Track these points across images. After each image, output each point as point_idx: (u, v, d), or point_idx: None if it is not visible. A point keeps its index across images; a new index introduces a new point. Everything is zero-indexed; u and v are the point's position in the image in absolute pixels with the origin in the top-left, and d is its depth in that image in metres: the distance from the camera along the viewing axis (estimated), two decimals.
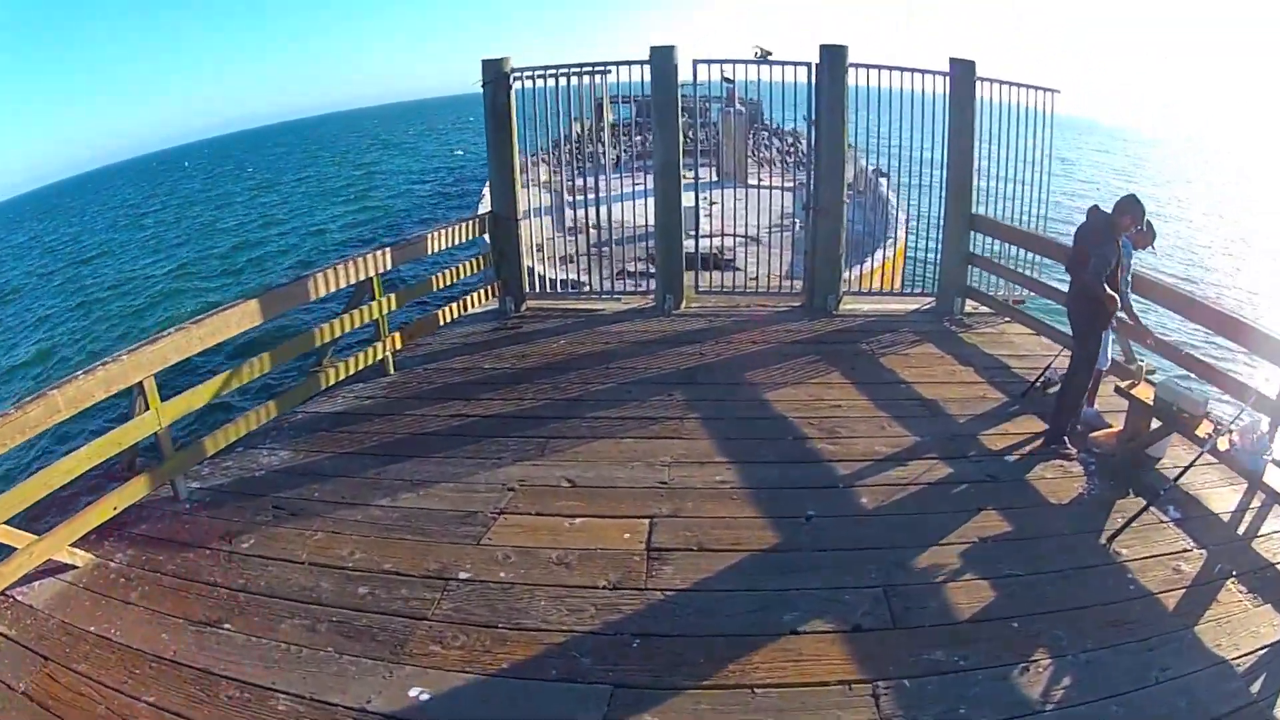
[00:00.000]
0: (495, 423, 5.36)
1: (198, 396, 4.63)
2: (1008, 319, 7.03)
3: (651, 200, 7.35)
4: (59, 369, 14.81)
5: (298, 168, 56.76)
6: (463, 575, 3.75)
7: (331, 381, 5.73)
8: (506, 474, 4.67)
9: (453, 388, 5.98)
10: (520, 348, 6.72)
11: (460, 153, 47.38)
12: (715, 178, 15.78)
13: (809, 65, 6.95)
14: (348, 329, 5.84)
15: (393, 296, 6.20)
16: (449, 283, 7.14)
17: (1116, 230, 4.66)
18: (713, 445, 4.96)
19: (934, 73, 6.95)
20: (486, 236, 7.54)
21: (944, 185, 7.15)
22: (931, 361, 6.22)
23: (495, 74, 7.07)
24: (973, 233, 7.13)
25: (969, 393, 5.67)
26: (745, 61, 7.67)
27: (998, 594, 3.62)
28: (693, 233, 7.71)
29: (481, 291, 7.56)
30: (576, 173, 8.69)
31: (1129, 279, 4.94)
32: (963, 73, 6.88)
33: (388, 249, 6.19)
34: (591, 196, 7.72)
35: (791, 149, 20.35)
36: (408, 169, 45.65)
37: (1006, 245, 7.03)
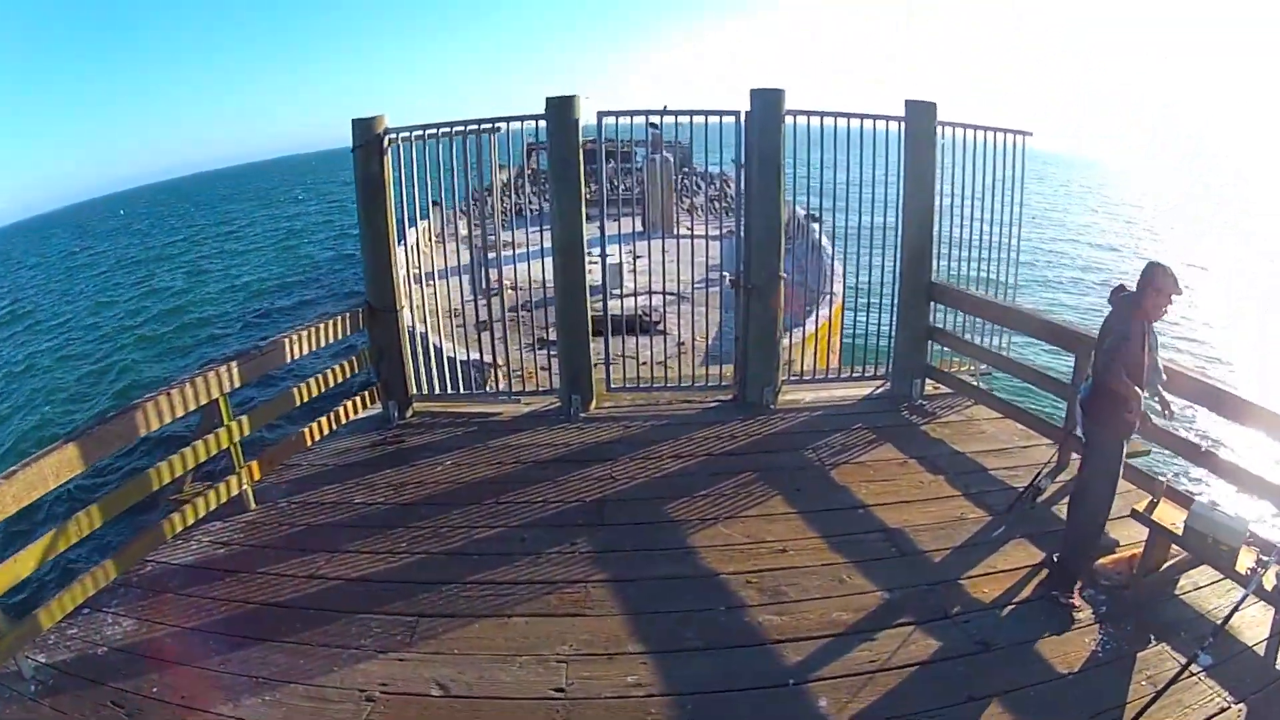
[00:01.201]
0: (360, 591, 4.17)
1: (22, 564, 3.68)
2: (972, 401, 6.08)
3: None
4: None
5: (229, 219, 55.12)
6: None
7: (179, 529, 4.60)
8: (366, 673, 3.53)
9: (317, 533, 4.79)
10: (400, 472, 5.50)
11: None
12: (641, 228, 14.91)
13: (736, 114, 5.90)
14: (191, 464, 4.70)
15: (245, 419, 5.05)
16: (318, 391, 5.91)
17: (1141, 308, 3.70)
18: (624, 624, 3.78)
19: (886, 118, 5.96)
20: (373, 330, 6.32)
21: (898, 249, 6.13)
22: (894, 471, 5.14)
23: (366, 136, 5.90)
24: (933, 304, 6.15)
25: (943, 513, 4.62)
26: (652, 112, 6.71)
27: None
28: (615, 292, 6.70)
29: (360, 396, 6.37)
30: (502, 225, 7.55)
31: (1160, 365, 3.94)
32: (921, 118, 5.88)
33: (233, 363, 5.02)
34: (507, 254, 6.59)
35: (720, 194, 19.64)
36: (341, 222, 44.27)
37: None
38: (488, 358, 6.69)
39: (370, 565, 4.42)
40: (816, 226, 11.79)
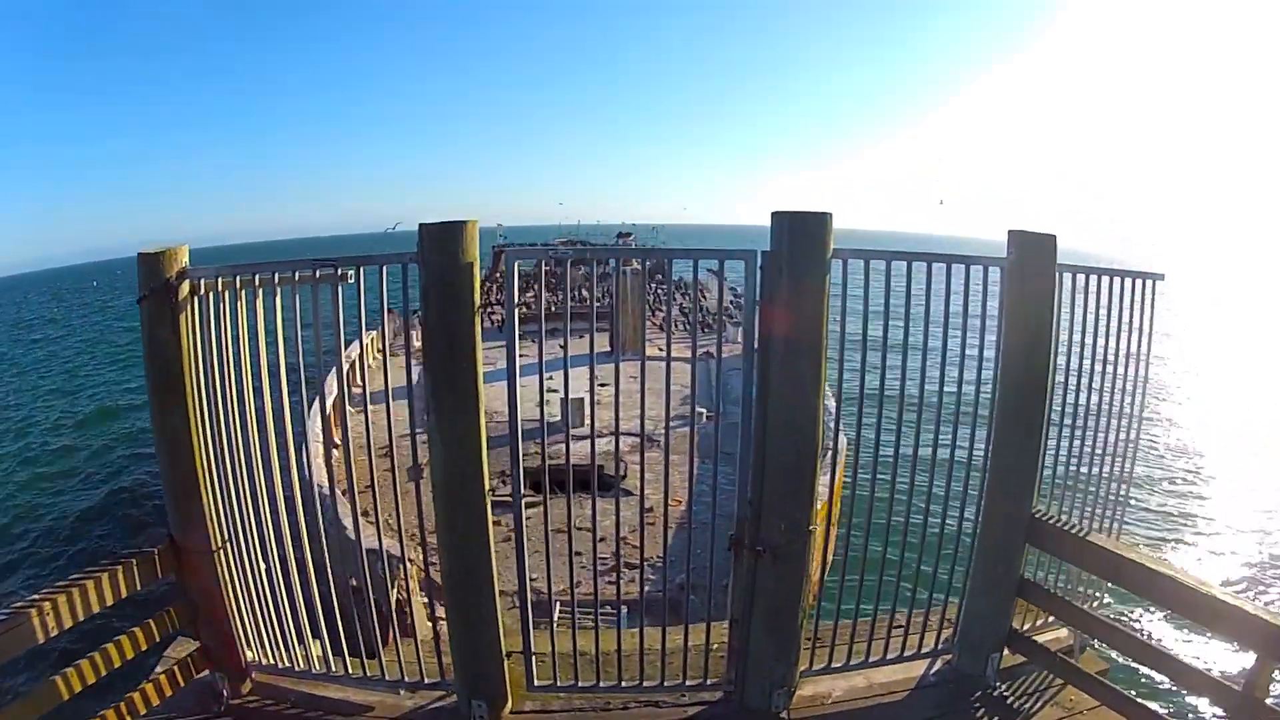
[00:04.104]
0: None
1: None
2: (1062, 682, 4.19)
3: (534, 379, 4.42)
4: None
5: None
6: None
7: None
8: None
9: None
10: None
11: None
12: (607, 347, 13.27)
13: (748, 255, 3.48)
14: None
15: None
16: (93, 677, 3.73)
17: None
18: None
19: (973, 262, 3.76)
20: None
21: (986, 463, 4.00)
22: None
23: (154, 281, 3.60)
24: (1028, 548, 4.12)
25: None
26: (592, 250, 4.67)
27: None
28: (574, 432, 4.77)
29: (167, 674, 4.23)
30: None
31: None
32: (1033, 258, 3.72)
33: None
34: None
35: (695, 305, 18.18)
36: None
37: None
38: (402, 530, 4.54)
39: None
40: None
